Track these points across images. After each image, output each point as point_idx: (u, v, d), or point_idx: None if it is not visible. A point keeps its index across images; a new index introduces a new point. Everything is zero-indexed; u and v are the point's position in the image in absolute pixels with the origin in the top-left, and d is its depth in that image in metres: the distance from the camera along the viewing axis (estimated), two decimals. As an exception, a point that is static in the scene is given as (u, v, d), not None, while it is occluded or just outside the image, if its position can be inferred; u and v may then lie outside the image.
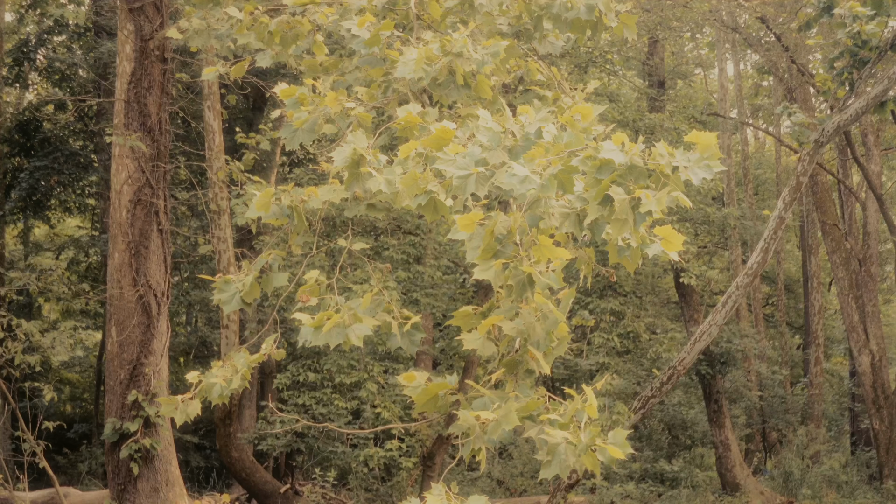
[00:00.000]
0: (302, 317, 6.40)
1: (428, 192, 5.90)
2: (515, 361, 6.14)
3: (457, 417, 5.90)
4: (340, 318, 6.35)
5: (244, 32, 8.30)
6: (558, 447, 5.49)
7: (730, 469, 24.90)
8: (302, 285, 6.96)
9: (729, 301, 16.40)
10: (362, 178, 6.26)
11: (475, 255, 5.82)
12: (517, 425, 5.79)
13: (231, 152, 21.33)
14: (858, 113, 15.24)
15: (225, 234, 18.01)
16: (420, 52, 6.69)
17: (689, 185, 5.82)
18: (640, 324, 24.18)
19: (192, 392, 7.03)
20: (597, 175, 5.43)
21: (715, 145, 5.50)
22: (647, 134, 24.63)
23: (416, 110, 6.53)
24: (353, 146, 6.23)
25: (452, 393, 6.28)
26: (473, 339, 6.10)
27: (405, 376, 6.27)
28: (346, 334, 6.32)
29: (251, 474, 19.07)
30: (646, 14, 22.92)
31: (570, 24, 7.40)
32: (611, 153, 5.41)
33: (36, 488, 18.60)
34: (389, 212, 6.90)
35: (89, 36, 25.76)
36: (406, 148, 6.06)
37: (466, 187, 5.59)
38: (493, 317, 6.00)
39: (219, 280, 7.07)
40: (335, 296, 6.73)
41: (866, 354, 25.23)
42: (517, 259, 5.81)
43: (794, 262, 39.71)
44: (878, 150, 26.46)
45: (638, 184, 5.43)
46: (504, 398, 5.97)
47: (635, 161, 5.41)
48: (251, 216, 6.94)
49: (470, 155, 5.64)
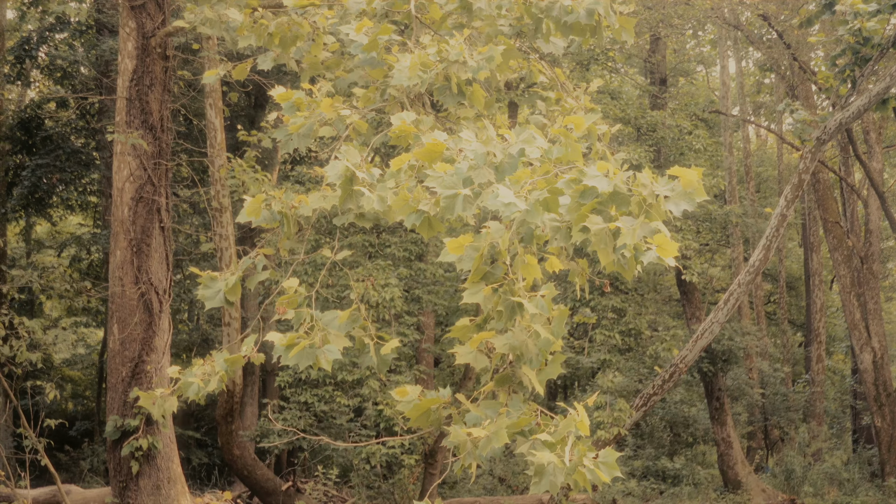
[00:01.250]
0: (274, 336, 6.46)
1: (420, 211, 5.95)
2: (507, 376, 6.18)
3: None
4: (311, 340, 6.40)
5: (244, 34, 8.31)
6: (546, 467, 5.53)
7: (731, 466, 24.90)
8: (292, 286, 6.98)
9: (731, 298, 16.40)
10: (355, 196, 6.30)
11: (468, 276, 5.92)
12: (507, 442, 5.83)
13: (233, 150, 21.33)
14: (860, 110, 15.23)
15: (227, 232, 18.01)
16: (414, 59, 6.70)
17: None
18: (642, 321, 24.17)
19: (170, 388, 7.08)
20: (580, 199, 5.46)
21: (698, 181, 5.51)
22: (648, 132, 24.62)
23: (410, 119, 6.55)
24: (345, 163, 6.26)
25: (445, 406, 6.32)
26: (466, 353, 6.16)
27: (398, 391, 6.32)
28: (317, 356, 6.39)
29: (253, 471, 19.08)
30: (648, 12, 22.91)
31: (571, 28, 7.40)
32: (594, 180, 5.44)
33: (38, 486, 18.62)
34: (378, 222, 6.92)
35: (91, 33, 25.75)
36: (398, 161, 6.10)
37: (454, 208, 5.64)
38: (484, 332, 6.04)
39: (204, 276, 7.09)
40: (311, 310, 6.74)
41: (868, 352, 25.22)
42: (507, 282, 5.86)
43: (796, 259, 39.70)
44: (880, 147, 26.44)
45: (620, 210, 5.45)
46: (495, 411, 6.01)
47: (618, 188, 5.43)
48: (242, 220, 6.97)
49: (458, 172, 5.67)
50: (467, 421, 6.03)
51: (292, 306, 6.79)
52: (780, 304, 35.52)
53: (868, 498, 23.82)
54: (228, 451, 18.79)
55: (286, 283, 6.87)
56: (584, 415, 5.75)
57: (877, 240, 26.66)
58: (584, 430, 5.70)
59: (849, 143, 25.67)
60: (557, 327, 6.08)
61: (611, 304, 23.74)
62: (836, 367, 37.14)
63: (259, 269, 7.06)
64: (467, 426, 5.96)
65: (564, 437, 5.71)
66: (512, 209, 5.38)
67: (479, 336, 6.04)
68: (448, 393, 6.31)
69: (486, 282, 5.93)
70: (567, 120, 6.26)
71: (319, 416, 21.07)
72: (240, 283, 7.05)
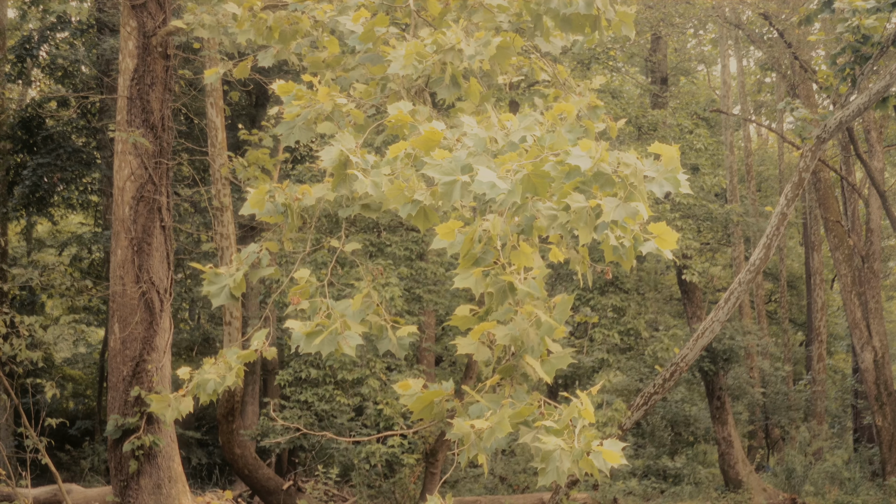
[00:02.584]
0: (294, 324, 6.41)
1: (415, 201, 5.92)
2: (511, 367, 6.15)
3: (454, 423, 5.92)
4: (333, 326, 6.36)
5: (243, 28, 8.29)
6: (553, 454, 5.50)
7: (732, 466, 24.90)
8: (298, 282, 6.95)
9: (731, 297, 16.39)
10: (349, 180, 6.27)
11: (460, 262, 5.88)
12: (512, 432, 5.79)
13: (233, 149, 21.33)
14: (860, 109, 15.22)
15: (227, 231, 18.02)
16: (409, 48, 6.68)
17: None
18: (642, 320, 24.17)
19: (185, 388, 7.02)
20: (564, 180, 5.45)
21: (676, 158, 5.50)
22: (649, 131, 24.62)
23: (406, 108, 6.53)
24: (339, 147, 6.23)
25: (448, 399, 6.29)
26: (468, 344, 6.10)
27: (401, 385, 6.28)
28: (338, 342, 6.35)
29: (254, 471, 19.08)
30: (648, 11, 22.90)
31: (570, 21, 7.39)
32: (577, 159, 5.42)
33: (38, 485, 18.64)
34: (383, 212, 6.89)
35: (92, 32, 25.76)
36: (395, 148, 6.07)
37: (452, 195, 5.62)
38: (486, 323, 6.01)
39: (209, 272, 7.01)
40: (326, 299, 6.72)
41: (869, 351, 25.22)
42: (497, 267, 5.83)
43: (797, 258, 39.69)
44: (881, 146, 26.43)
45: (604, 191, 5.44)
46: (499, 402, 5.98)
47: (602, 168, 5.42)
48: (245, 212, 6.93)
49: (456, 160, 5.66)
50: (470, 413, 6.00)
51: (305, 296, 6.77)
52: (780, 303, 35.51)
53: (869, 497, 23.82)
54: (229, 450, 18.80)
55: (298, 273, 6.83)
56: (587, 403, 5.72)
57: (878, 239, 26.66)
58: (589, 418, 5.67)
59: (850, 142, 25.66)
60: (560, 314, 6.06)
61: (611, 303, 23.74)
62: (837, 366, 37.13)
63: (263, 263, 7.02)
64: (471, 418, 5.93)
65: (569, 424, 5.68)
66: (495, 191, 5.35)
67: (481, 327, 5.99)
68: (451, 386, 6.27)
69: (477, 266, 5.90)
70: (559, 107, 6.25)
71: (320, 415, 21.08)
72: (244, 278, 7.00)
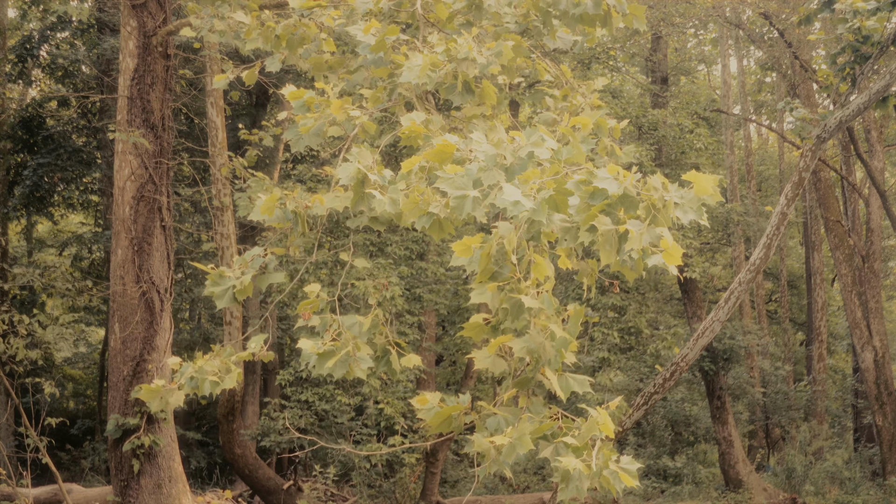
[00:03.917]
0: (305, 344, 6.45)
1: (430, 213, 5.96)
2: (527, 379, 6.17)
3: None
4: (346, 348, 6.42)
5: (252, 36, 8.31)
6: (572, 473, 5.55)
7: (733, 465, 24.90)
8: (302, 284, 6.96)
9: (732, 297, 16.39)
10: (367, 198, 6.32)
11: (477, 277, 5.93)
12: (531, 448, 5.84)
13: (234, 149, 21.34)
14: (860, 108, 15.23)
15: (228, 231, 18.02)
16: (425, 59, 6.72)
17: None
18: (641, 320, 24.17)
19: (176, 381, 7.01)
20: (589, 200, 5.48)
21: (714, 188, 5.53)
22: (650, 130, 24.61)
23: (420, 119, 6.56)
24: (356, 165, 6.27)
25: (466, 413, 6.33)
26: (484, 358, 6.15)
27: (418, 399, 6.31)
28: (350, 365, 6.42)
29: (254, 471, 19.09)
30: (649, 10, 22.90)
31: (579, 20, 7.39)
32: (605, 182, 5.46)
33: (39, 484, 18.64)
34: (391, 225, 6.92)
35: (92, 32, 25.76)
36: (409, 163, 6.12)
37: (463, 208, 5.66)
38: (502, 336, 6.04)
39: (214, 272, 6.99)
40: (336, 315, 6.75)
41: (869, 351, 25.22)
42: (513, 281, 5.87)
43: (797, 258, 39.70)
44: (881, 146, 26.43)
45: (628, 214, 5.47)
46: (516, 415, 6.01)
47: (628, 191, 5.45)
48: (255, 218, 6.93)
49: (468, 174, 5.69)
50: (488, 426, 6.04)
51: (314, 309, 6.79)
52: (781, 303, 35.51)
53: (869, 497, 23.82)
54: (230, 449, 18.80)
55: (308, 288, 6.83)
56: (606, 418, 5.76)
57: (878, 238, 26.66)
58: (608, 433, 5.72)
59: (850, 141, 25.67)
60: (573, 327, 6.10)
61: (611, 303, 23.74)
62: (837, 366, 37.13)
63: (271, 269, 7.02)
64: (489, 431, 5.97)
65: (588, 441, 5.72)
66: (519, 208, 5.39)
67: (497, 340, 6.05)
68: (467, 399, 6.31)
69: (494, 280, 5.94)
70: (574, 120, 6.27)
71: (321, 414, 21.08)
72: (251, 283, 6.98)
